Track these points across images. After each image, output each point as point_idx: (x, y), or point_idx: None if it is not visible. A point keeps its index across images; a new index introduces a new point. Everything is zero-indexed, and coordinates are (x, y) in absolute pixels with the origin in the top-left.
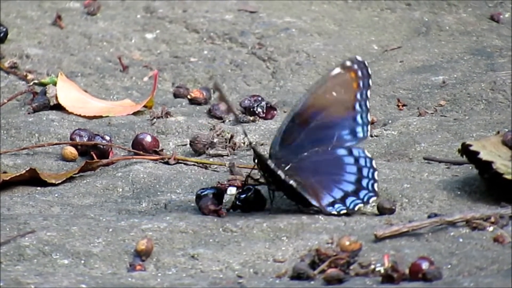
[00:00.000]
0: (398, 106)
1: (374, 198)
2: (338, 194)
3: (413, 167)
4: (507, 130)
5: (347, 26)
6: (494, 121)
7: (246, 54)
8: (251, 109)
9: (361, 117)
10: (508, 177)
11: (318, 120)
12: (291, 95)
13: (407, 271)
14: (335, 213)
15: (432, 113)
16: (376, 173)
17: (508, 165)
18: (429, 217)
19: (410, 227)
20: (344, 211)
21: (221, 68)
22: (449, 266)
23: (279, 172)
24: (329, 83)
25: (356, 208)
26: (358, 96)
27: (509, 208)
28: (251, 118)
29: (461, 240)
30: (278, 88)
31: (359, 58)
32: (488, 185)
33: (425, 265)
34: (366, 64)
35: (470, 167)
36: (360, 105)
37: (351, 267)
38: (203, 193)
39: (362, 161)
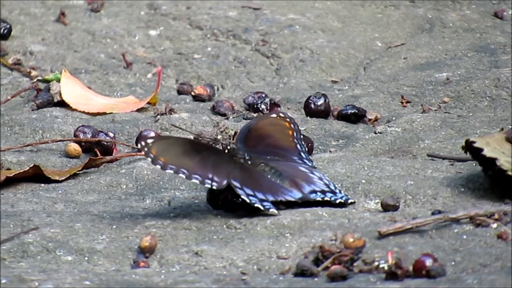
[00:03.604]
0: (402, 103)
1: (351, 200)
2: (317, 188)
3: (416, 164)
4: (511, 127)
5: (351, 23)
6: (498, 118)
7: (250, 51)
8: (255, 106)
9: (304, 154)
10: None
11: (271, 140)
12: (295, 92)
13: (410, 268)
14: (319, 199)
15: (436, 110)
16: (342, 191)
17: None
18: (432, 214)
19: (414, 224)
20: (328, 199)
21: (225, 65)
22: (453, 263)
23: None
24: (271, 119)
25: (337, 202)
26: (295, 140)
27: None
28: (255, 114)
29: (464, 237)
30: (282, 85)
31: (289, 114)
32: (492, 182)
33: (428, 262)
34: (295, 121)
35: (474, 164)
36: (300, 146)
37: (355, 264)
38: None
39: (326, 181)
